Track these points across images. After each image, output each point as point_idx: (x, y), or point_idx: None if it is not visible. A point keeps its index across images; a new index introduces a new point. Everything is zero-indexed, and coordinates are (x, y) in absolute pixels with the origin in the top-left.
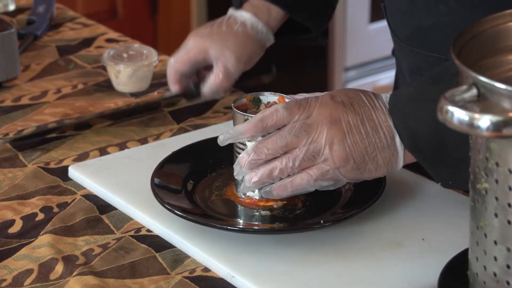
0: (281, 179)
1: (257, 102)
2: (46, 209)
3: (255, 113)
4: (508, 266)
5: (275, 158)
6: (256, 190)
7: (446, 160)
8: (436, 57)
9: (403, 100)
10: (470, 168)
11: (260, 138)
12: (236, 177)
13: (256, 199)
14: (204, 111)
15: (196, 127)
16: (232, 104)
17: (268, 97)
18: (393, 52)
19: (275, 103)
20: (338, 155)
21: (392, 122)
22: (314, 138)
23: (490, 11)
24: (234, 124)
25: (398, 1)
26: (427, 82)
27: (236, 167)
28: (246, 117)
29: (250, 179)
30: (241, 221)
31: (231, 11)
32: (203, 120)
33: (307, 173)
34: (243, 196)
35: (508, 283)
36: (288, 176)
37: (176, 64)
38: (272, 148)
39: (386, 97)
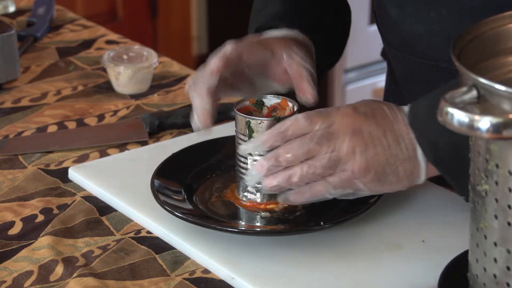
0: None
1: (260, 105)
2: (46, 211)
3: (259, 116)
4: (508, 268)
5: (293, 165)
6: (258, 193)
7: (468, 172)
8: (428, 63)
9: (422, 113)
10: (470, 170)
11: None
12: (248, 184)
13: (257, 201)
14: None
15: None
16: (234, 107)
17: (271, 100)
18: (383, 54)
19: (278, 105)
20: (359, 165)
21: (414, 135)
22: (336, 146)
23: (481, 18)
24: (236, 127)
25: (388, 9)
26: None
27: (250, 173)
28: (247, 119)
29: (268, 183)
30: (241, 223)
31: None
32: None
33: (327, 180)
34: (244, 200)
35: (508, 284)
36: (307, 183)
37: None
38: (294, 154)
39: (407, 109)
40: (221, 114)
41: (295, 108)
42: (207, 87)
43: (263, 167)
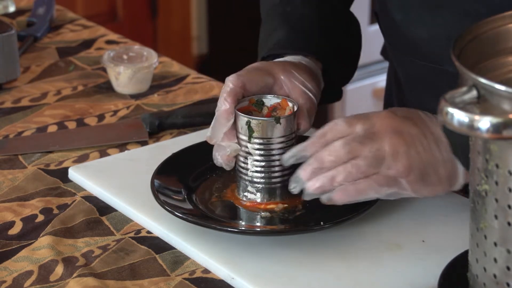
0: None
1: (260, 105)
2: (46, 211)
3: (259, 116)
4: (508, 268)
5: (336, 166)
6: (258, 193)
7: None
8: (433, 67)
9: None
10: (470, 170)
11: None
12: (292, 191)
13: (257, 201)
14: None
15: (196, 129)
16: (234, 107)
17: (271, 99)
18: (383, 53)
19: (278, 104)
20: (402, 164)
21: (446, 139)
22: (380, 145)
23: None
24: (236, 126)
25: (392, 12)
26: None
27: (293, 181)
28: (247, 119)
29: (311, 185)
30: (241, 223)
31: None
32: None
33: (372, 178)
34: (244, 200)
35: (508, 284)
36: (351, 182)
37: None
38: (337, 155)
39: None
40: None
41: (295, 108)
42: (227, 129)
43: (307, 171)
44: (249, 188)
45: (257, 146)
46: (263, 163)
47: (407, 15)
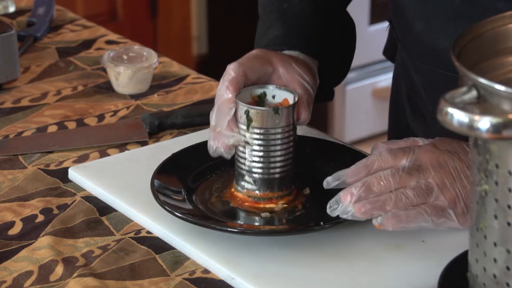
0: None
1: (261, 102)
2: (46, 211)
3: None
4: (508, 268)
5: (384, 193)
6: (255, 184)
7: None
8: (455, 76)
9: None
10: (470, 170)
11: None
12: (331, 212)
13: (255, 192)
14: None
15: (196, 129)
16: (235, 96)
17: (273, 90)
18: (385, 53)
19: (280, 105)
20: (450, 196)
21: None
22: (426, 177)
23: None
24: (235, 115)
25: (410, 21)
26: None
27: (334, 203)
28: (246, 108)
29: (359, 208)
30: (241, 223)
31: None
32: None
33: (421, 207)
34: (242, 191)
35: (508, 284)
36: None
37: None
38: (386, 184)
39: None
40: None
41: (296, 99)
42: (230, 117)
43: (353, 195)
44: (247, 178)
45: (256, 136)
46: (261, 153)
47: (428, 25)
